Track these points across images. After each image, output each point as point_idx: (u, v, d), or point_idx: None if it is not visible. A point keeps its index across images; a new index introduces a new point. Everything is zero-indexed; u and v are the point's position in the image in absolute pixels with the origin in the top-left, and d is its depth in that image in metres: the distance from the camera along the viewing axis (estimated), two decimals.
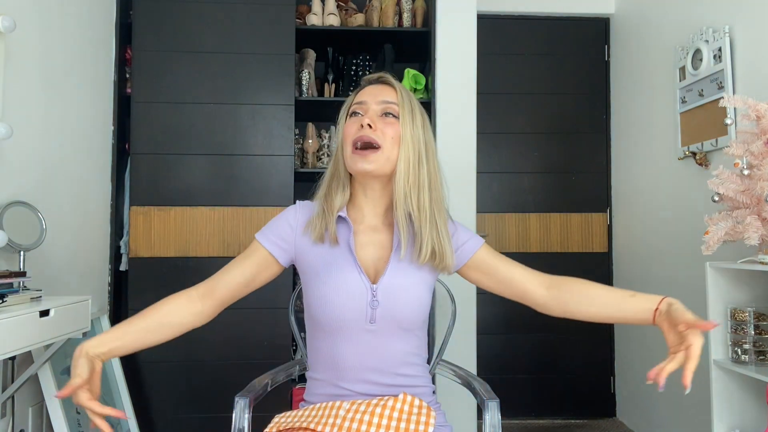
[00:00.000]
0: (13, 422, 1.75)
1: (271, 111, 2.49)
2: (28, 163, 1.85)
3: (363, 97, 1.17)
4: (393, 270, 1.14)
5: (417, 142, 1.14)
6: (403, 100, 1.15)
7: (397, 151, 1.14)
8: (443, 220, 1.16)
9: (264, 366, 1.52)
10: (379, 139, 1.12)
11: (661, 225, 2.59)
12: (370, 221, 1.20)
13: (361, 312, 1.12)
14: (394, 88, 1.17)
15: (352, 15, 2.68)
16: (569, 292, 1.19)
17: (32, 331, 1.44)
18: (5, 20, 1.54)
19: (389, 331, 1.14)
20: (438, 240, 1.14)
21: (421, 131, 1.16)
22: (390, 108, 1.15)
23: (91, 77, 2.27)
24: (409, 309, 1.14)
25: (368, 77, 1.23)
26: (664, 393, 2.56)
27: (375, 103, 1.15)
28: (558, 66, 3.11)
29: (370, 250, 1.17)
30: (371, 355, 1.14)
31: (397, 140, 1.13)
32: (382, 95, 1.16)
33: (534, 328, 3.02)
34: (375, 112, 1.15)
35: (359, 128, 1.13)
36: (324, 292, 1.12)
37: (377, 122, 1.13)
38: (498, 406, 1.19)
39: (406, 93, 1.18)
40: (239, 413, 1.20)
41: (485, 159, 3.01)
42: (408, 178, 1.13)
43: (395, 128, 1.13)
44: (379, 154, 1.12)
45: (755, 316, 1.67)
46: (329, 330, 1.15)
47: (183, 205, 2.43)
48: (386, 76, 1.20)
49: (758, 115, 1.64)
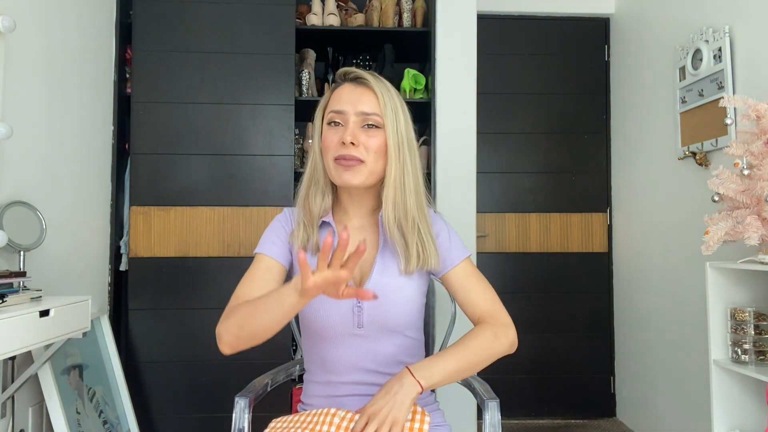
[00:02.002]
0: (13, 422, 1.75)
1: (271, 111, 2.49)
2: (28, 163, 1.85)
3: (341, 104, 1.10)
4: (378, 273, 1.13)
5: (403, 147, 1.11)
6: (385, 106, 1.10)
7: (382, 162, 1.11)
8: (425, 220, 1.14)
9: (264, 366, 1.52)
10: (363, 156, 1.08)
11: (661, 225, 2.59)
12: (355, 222, 1.19)
13: (346, 317, 1.12)
14: (374, 92, 1.10)
15: (352, 15, 2.68)
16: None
17: (32, 331, 1.44)
18: (5, 20, 1.54)
19: (379, 334, 1.14)
20: (422, 244, 1.13)
21: (405, 134, 1.12)
22: (371, 119, 1.09)
23: (91, 77, 2.27)
24: (396, 311, 1.13)
25: (342, 71, 1.15)
26: (664, 393, 2.56)
27: (354, 114, 1.09)
28: (558, 66, 3.11)
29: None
30: (363, 357, 1.14)
31: (381, 152, 1.10)
32: (362, 104, 1.09)
33: (534, 328, 3.02)
34: (356, 124, 1.09)
35: (340, 145, 1.08)
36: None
37: (359, 135, 1.08)
38: (498, 406, 1.19)
39: (388, 94, 1.11)
40: (239, 413, 1.20)
41: (485, 159, 3.01)
42: (396, 193, 1.10)
43: (378, 140, 1.09)
44: (362, 168, 1.09)
45: (755, 316, 1.67)
46: (320, 335, 1.15)
47: (183, 205, 2.43)
48: (365, 76, 1.12)
49: (758, 115, 1.64)
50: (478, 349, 1.09)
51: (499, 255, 3.01)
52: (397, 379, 1.02)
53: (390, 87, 1.14)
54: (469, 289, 1.17)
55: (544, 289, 3.05)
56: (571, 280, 3.07)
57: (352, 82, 1.13)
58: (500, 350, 1.11)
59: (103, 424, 2.08)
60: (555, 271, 3.06)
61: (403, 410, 0.99)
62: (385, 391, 1.01)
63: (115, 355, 2.25)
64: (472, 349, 1.08)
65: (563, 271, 3.07)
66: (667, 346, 2.53)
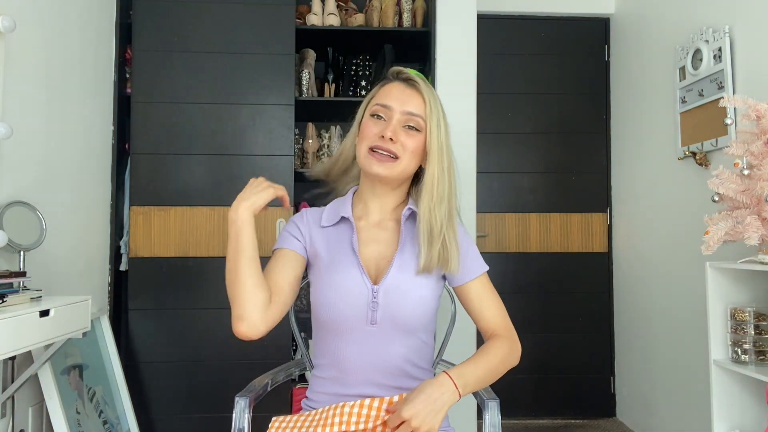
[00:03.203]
0: (13, 422, 1.75)
1: (271, 111, 2.49)
2: (28, 163, 1.85)
3: (389, 99, 1.14)
4: (396, 271, 1.14)
5: (442, 154, 1.14)
6: (431, 112, 1.13)
7: (415, 163, 1.15)
8: (453, 228, 1.16)
9: (264, 366, 1.52)
10: (399, 152, 1.12)
11: (661, 225, 2.59)
12: (375, 217, 1.20)
13: (361, 313, 1.12)
14: (422, 96, 1.14)
15: (352, 15, 2.68)
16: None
17: (32, 331, 1.44)
18: (5, 20, 1.54)
19: (390, 333, 1.14)
20: (444, 247, 1.13)
21: (445, 141, 1.15)
22: (415, 121, 1.13)
23: (91, 77, 2.27)
24: (410, 311, 1.13)
25: (395, 70, 1.18)
26: (664, 393, 2.56)
27: (400, 112, 1.13)
28: (558, 66, 3.11)
29: (373, 248, 1.17)
30: (374, 356, 1.14)
31: (416, 153, 1.13)
32: (409, 104, 1.13)
33: (534, 328, 3.02)
34: (399, 122, 1.13)
35: (380, 138, 1.11)
36: (326, 293, 1.13)
37: (399, 134, 1.12)
38: (498, 406, 1.19)
39: (434, 101, 1.15)
40: (239, 413, 1.20)
41: (485, 159, 3.01)
42: (433, 196, 1.13)
43: (417, 141, 1.13)
44: (396, 164, 1.12)
45: (755, 316, 1.67)
46: (332, 330, 1.15)
47: (183, 205, 2.43)
48: (416, 79, 1.15)
49: (758, 115, 1.64)
50: (498, 361, 1.12)
51: (499, 255, 3.01)
52: (437, 385, 1.01)
53: (437, 96, 1.17)
54: (486, 303, 1.20)
55: (544, 289, 3.05)
56: (571, 280, 3.07)
57: (403, 82, 1.16)
58: (513, 364, 1.16)
59: (103, 424, 2.08)
60: (555, 271, 3.06)
61: (440, 418, 0.99)
62: (425, 395, 0.99)
63: (115, 355, 2.25)
64: (495, 361, 1.12)
65: (563, 271, 3.07)
66: (667, 346, 2.53)
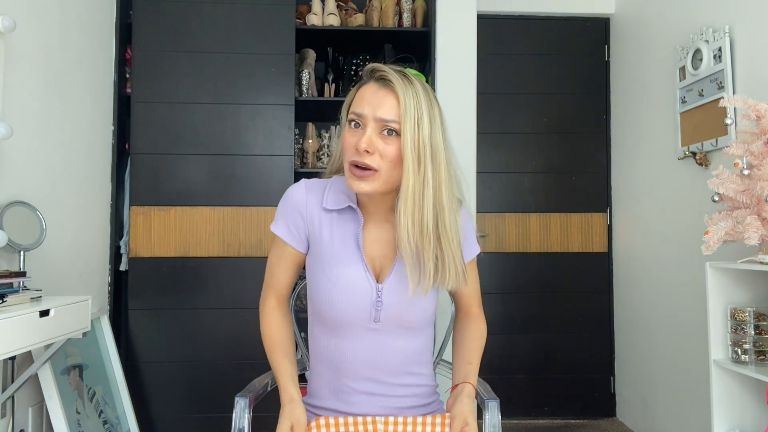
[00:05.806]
0: (13, 422, 1.75)
1: (271, 111, 2.49)
2: (28, 163, 1.85)
3: (362, 106, 1.05)
4: (399, 270, 1.13)
5: (423, 157, 1.03)
6: (405, 113, 1.02)
7: (399, 171, 1.04)
8: (447, 234, 1.07)
9: (264, 366, 1.51)
10: (376, 164, 1.03)
11: (661, 225, 2.59)
12: (381, 213, 1.16)
13: (365, 311, 1.12)
14: (396, 96, 1.04)
15: (352, 15, 2.68)
16: (456, 330, 1.30)
17: (32, 331, 1.44)
18: (5, 20, 1.54)
19: (393, 330, 1.14)
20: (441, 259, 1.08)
21: (428, 141, 1.04)
22: (390, 126, 1.03)
23: (91, 77, 2.27)
24: (414, 310, 1.13)
25: (369, 68, 1.09)
26: (664, 393, 2.56)
27: (374, 118, 1.04)
28: (558, 66, 3.11)
29: (378, 246, 1.16)
30: (375, 353, 1.14)
31: (397, 161, 1.04)
32: (381, 108, 1.03)
33: (533, 328, 3.02)
34: (374, 130, 1.04)
35: (355, 151, 1.04)
36: (328, 289, 1.12)
37: (375, 142, 1.03)
38: (498, 406, 1.19)
39: (411, 98, 1.03)
40: (239, 413, 1.20)
41: (485, 159, 3.01)
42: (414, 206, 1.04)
43: (395, 147, 1.03)
44: (375, 178, 1.04)
45: (755, 316, 1.67)
46: (333, 327, 1.15)
47: (183, 205, 2.43)
48: (390, 77, 1.05)
49: (758, 115, 1.64)
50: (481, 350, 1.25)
51: (499, 255, 3.01)
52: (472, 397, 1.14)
53: (419, 90, 1.05)
54: (469, 282, 1.23)
55: (544, 289, 3.05)
56: (571, 280, 3.07)
57: (377, 82, 1.07)
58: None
59: (103, 424, 2.08)
60: (555, 271, 3.06)
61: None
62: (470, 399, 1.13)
63: (115, 355, 2.25)
64: (481, 351, 1.24)
65: (563, 271, 3.07)
66: (667, 346, 2.53)
